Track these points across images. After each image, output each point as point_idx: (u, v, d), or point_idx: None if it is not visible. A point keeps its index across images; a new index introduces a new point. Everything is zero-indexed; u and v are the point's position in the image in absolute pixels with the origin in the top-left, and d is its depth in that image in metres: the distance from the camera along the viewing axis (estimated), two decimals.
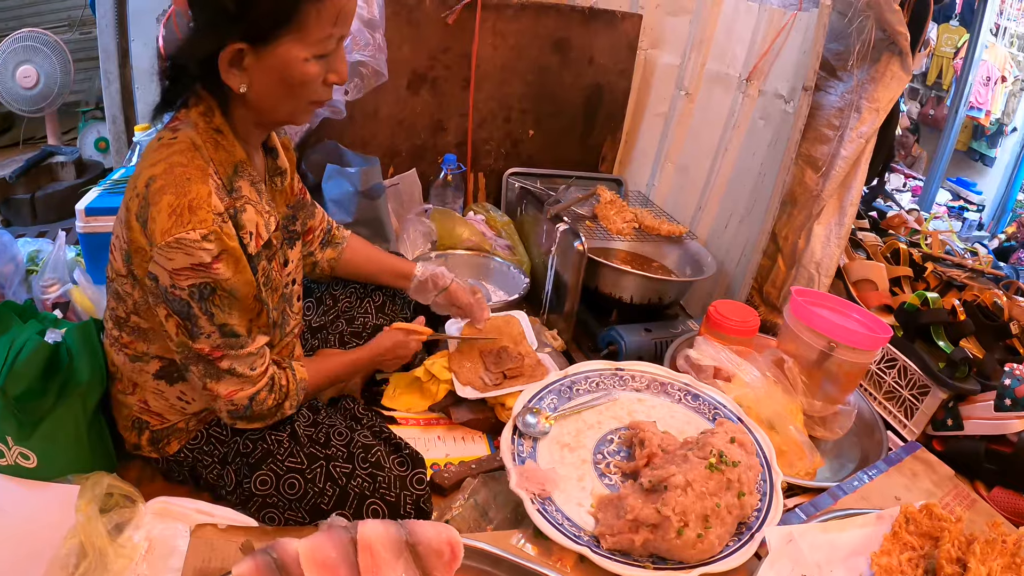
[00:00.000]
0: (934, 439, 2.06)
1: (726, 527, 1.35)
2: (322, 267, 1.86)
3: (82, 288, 2.05)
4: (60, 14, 4.26)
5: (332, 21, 1.23)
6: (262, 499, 1.44)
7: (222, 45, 1.20)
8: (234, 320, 1.31)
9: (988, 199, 6.29)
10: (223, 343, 1.31)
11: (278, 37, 1.21)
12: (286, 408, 1.48)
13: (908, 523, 1.43)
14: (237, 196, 1.32)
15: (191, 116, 1.29)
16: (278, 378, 1.45)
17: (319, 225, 1.82)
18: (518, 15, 2.72)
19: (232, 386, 1.37)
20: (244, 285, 1.29)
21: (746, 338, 1.99)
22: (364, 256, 1.91)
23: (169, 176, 1.21)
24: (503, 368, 1.91)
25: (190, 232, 1.18)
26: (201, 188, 1.21)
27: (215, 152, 1.29)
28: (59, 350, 1.46)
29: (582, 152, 3.11)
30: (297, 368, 1.52)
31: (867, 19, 2.20)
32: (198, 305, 1.25)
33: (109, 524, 1.32)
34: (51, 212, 3.01)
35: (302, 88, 1.28)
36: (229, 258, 1.25)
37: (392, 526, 1.19)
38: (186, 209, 1.19)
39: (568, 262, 2.22)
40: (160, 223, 1.18)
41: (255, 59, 1.23)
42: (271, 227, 1.41)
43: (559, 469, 1.53)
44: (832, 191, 2.39)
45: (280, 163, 1.53)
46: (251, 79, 1.25)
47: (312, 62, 1.25)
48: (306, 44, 1.23)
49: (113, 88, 2.94)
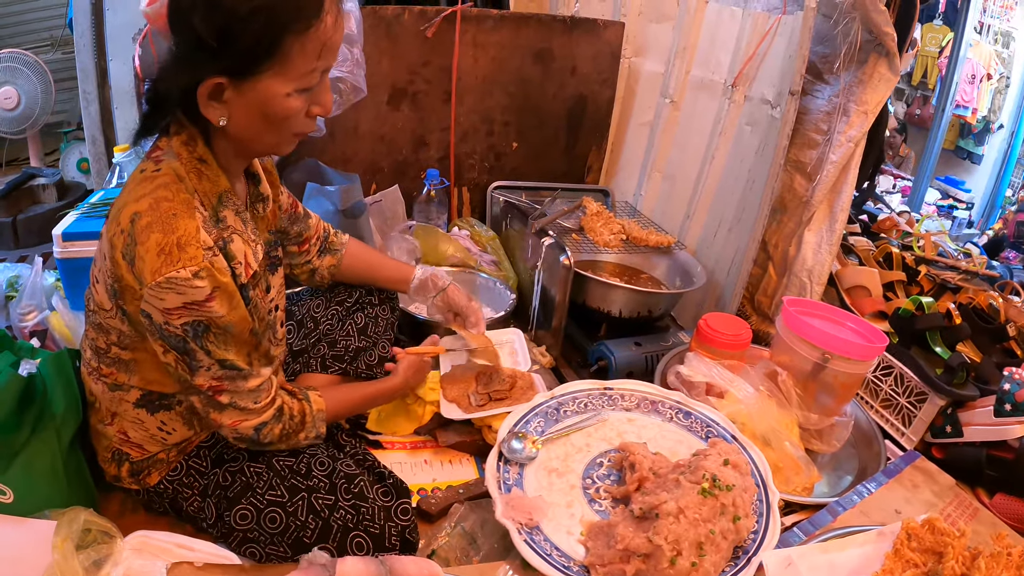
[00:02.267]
0: (933, 447, 2.03)
1: (721, 553, 1.31)
2: (322, 274, 1.84)
3: (60, 315, 2.02)
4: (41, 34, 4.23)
5: (316, 55, 1.19)
6: (243, 534, 1.40)
7: (201, 79, 1.16)
8: (231, 355, 1.28)
9: (977, 197, 6.30)
10: (223, 375, 1.29)
11: (259, 72, 1.17)
12: (300, 439, 1.46)
13: (910, 539, 1.39)
14: (224, 227, 1.29)
15: (173, 145, 1.25)
16: (289, 409, 1.43)
17: (314, 233, 1.79)
18: (498, 26, 2.69)
19: (235, 417, 1.35)
20: (239, 321, 1.27)
21: (738, 352, 1.96)
22: (364, 262, 1.90)
23: (155, 212, 1.17)
24: (491, 389, 1.88)
25: (180, 271, 1.15)
26: (189, 224, 1.18)
27: (199, 183, 1.26)
28: (33, 381, 1.43)
29: (567, 163, 3.08)
30: (314, 399, 1.49)
31: (853, 20, 2.17)
32: (194, 342, 1.23)
33: (87, 561, 1.28)
34: (32, 236, 2.97)
35: (284, 122, 1.24)
36: (223, 295, 1.22)
37: (372, 563, 1.16)
38: (175, 247, 1.16)
39: (555, 277, 2.19)
40: (149, 263, 1.15)
41: (235, 93, 1.19)
42: (259, 255, 1.39)
43: (547, 496, 1.49)
44: (822, 197, 2.36)
45: (262, 189, 1.49)
46: (231, 113, 1.21)
47: (294, 96, 1.21)
48: (288, 79, 1.19)
49: (92, 108, 2.92)
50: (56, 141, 3.78)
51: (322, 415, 1.49)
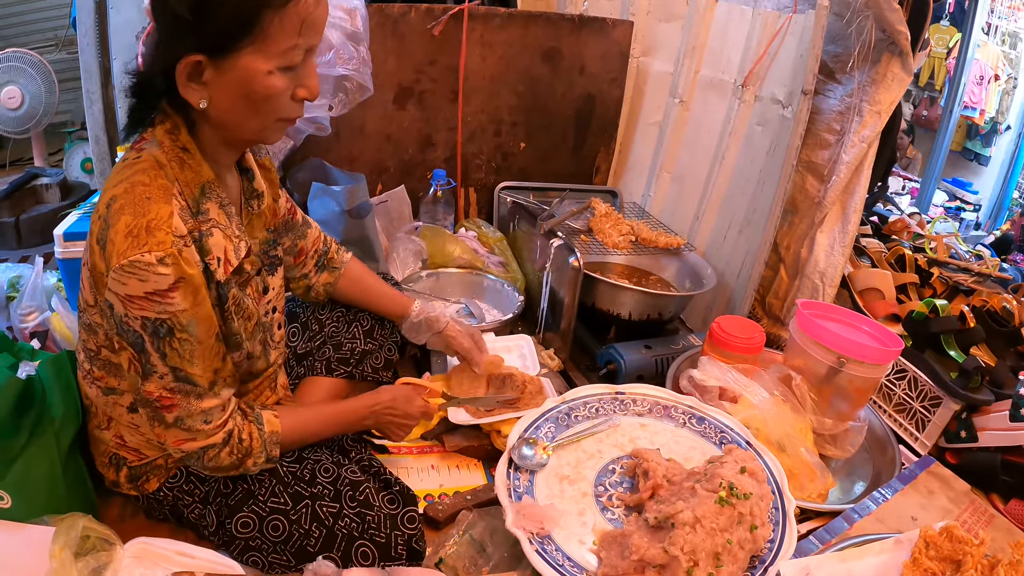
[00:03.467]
0: (947, 452, 2.01)
1: (738, 563, 1.28)
2: (317, 291, 1.79)
3: (61, 316, 2.00)
4: (46, 34, 4.23)
5: (296, 30, 1.15)
6: (244, 542, 1.37)
7: (179, 56, 1.13)
8: (196, 370, 1.23)
9: (984, 198, 6.26)
10: (176, 388, 1.23)
11: (238, 48, 1.13)
12: (248, 465, 1.37)
13: (928, 548, 1.37)
14: (204, 219, 1.24)
15: (157, 134, 1.22)
16: (238, 432, 1.33)
17: (311, 246, 1.74)
18: (506, 25, 2.66)
19: (180, 436, 1.28)
20: (203, 319, 1.22)
21: (751, 355, 1.92)
22: (361, 287, 1.84)
23: (129, 196, 1.14)
24: (504, 394, 1.85)
25: (145, 254, 1.11)
26: (162, 208, 1.14)
27: (180, 171, 1.22)
28: (32, 385, 1.40)
29: (575, 164, 3.05)
30: (268, 419, 1.39)
31: (866, 19, 2.15)
32: (151, 341, 1.18)
33: (85, 569, 1.25)
34: (35, 236, 2.97)
35: (267, 104, 1.20)
36: (187, 287, 1.17)
37: (377, 574, 1.12)
38: (143, 230, 1.12)
39: (563, 279, 2.16)
40: (117, 245, 1.11)
41: (215, 72, 1.15)
42: (241, 252, 1.33)
43: (558, 504, 1.45)
44: (835, 198, 2.32)
45: (256, 185, 1.45)
46: (211, 94, 1.18)
47: (276, 75, 1.17)
48: (268, 56, 1.15)
49: (95, 108, 2.88)
50: (60, 141, 3.78)
51: (275, 437, 1.39)
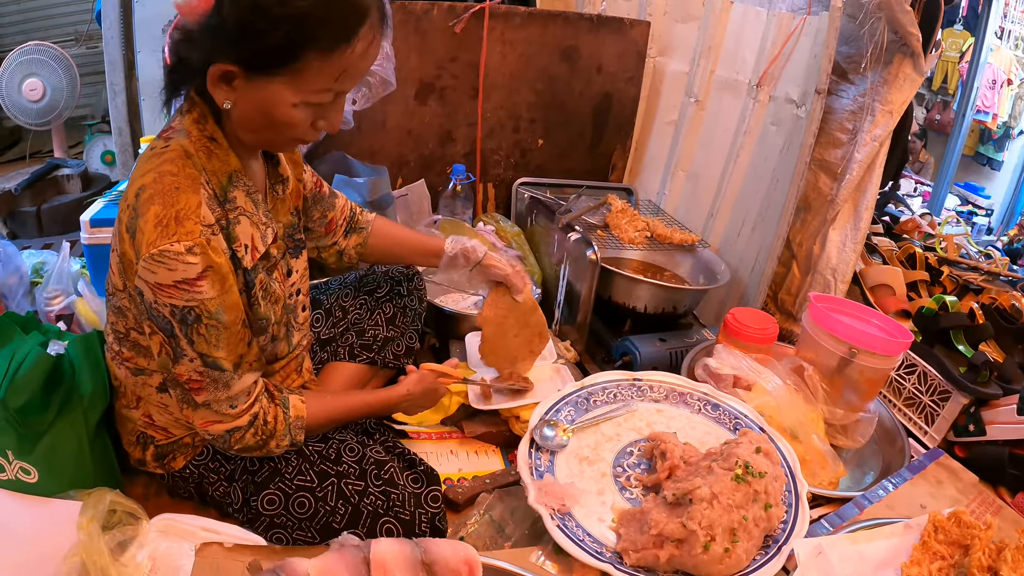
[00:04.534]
0: (956, 445, 2.02)
1: (753, 540, 1.30)
2: (349, 255, 1.79)
3: (86, 300, 2.02)
4: (67, 28, 4.28)
5: (334, 76, 1.17)
6: (270, 519, 1.40)
7: (214, 61, 1.15)
8: (221, 354, 1.25)
9: (996, 203, 6.24)
10: (205, 372, 1.25)
11: (272, 75, 1.15)
12: (271, 447, 1.39)
13: (937, 532, 1.39)
14: (231, 207, 1.27)
15: (184, 123, 1.24)
16: (263, 415, 1.36)
17: (340, 215, 1.74)
18: (526, 23, 2.69)
19: (208, 418, 1.31)
20: (231, 307, 1.24)
21: (765, 346, 1.95)
22: (391, 239, 1.83)
23: (158, 185, 1.16)
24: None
25: (174, 244, 1.13)
26: (191, 198, 1.17)
27: (208, 161, 1.24)
28: (61, 362, 1.42)
29: (592, 161, 3.08)
30: (294, 404, 1.42)
31: (879, 21, 2.18)
32: (179, 328, 1.20)
33: (112, 542, 1.28)
34: (56, 225, 2.99)
35: (285, 128, 1.22)
36: (214, 276, 1.19)
37: (407, 545, 1.15)
38: (172, 220, 1.14)
39: (581, 272, 2.18)
40: (147, 234, 1.13)
41: (245, 83, 1.17)
42: (268, 239, 1.36)
43: (578, 483, 1.47)
44: (847, 195, 2.35)
45: (281, 170, 1.48)
46: (236, 99, 1.19)
47: (300, 108, 1.19)
48: (299, 91, 1.17)
49: (119, 100, 2.93)
50: (80, 134, 3.81)
51: (300, 422, 1.41)
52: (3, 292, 2.06)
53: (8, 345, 1.45)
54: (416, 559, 1.14)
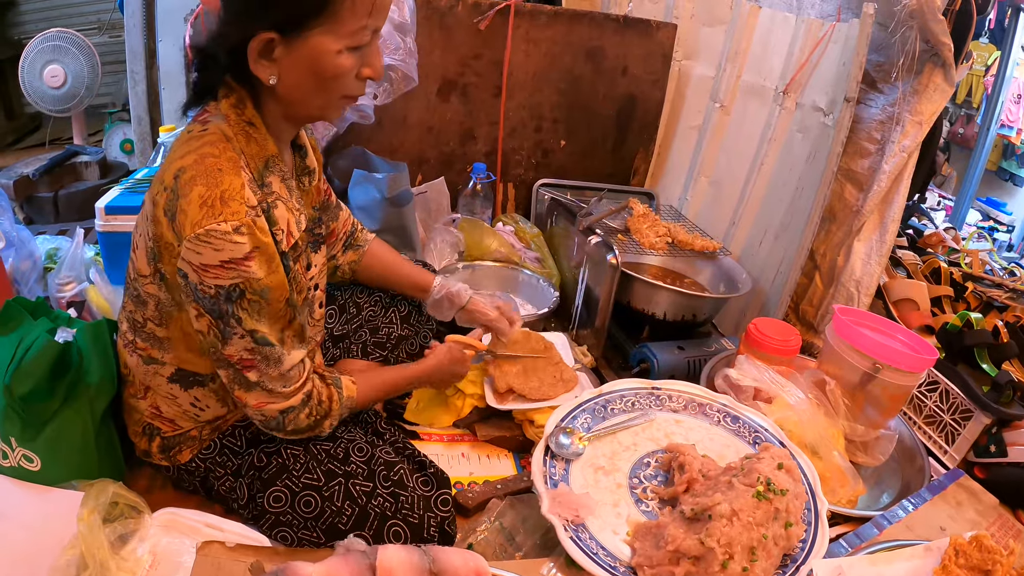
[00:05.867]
0: (976, 466, 1.98)
1: (772, 560, 1.26)
2: (343, 270, 1.80)
3: (98, 287, 2.01)
4: (89, 17, 4.30)
5: (367, 11, 1.17)
6: (275, 517, 1.37)
7: (252, 34, 1.15)
8: (264, 327, 1.24)
9: (1018, 220, 6.16)
10: (256, 350, 1.25)
11: (310, 27, 1.15)
12: (325, 427, 1.41)
13: (958, 556, 1.35)
14: (268, 191, 1.26)
15: (221, 108, 1.24)
16: (317, 395, 1.38)
17: (342, 228, 1.75)
18: (551, 22, 2.67)
19: (261, 399, 1.31)
20: (277, 287, 1.23)
21: (787, 358, 1.91)
22: (383, 263, 1.83)
23: (200, 167, 1.16)
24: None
25: (221, 224, 1.12)
26: (234, 179, 1.16)
27: (247, 145, 1.24)
28: (69, 350, 1.41)
29: (614, 164, 3.05)
30: (346, 384, 1.45)
31: (910, 30, 2.13)
32: (226, 306, 1.19)
33: (112, 535, 1.27)
34: (73, 211, 2.99)
35: (334, 82, 1.22)
36: (262, 256, 1.19)
37: (415, 552, 1.12)
38: (218, 200, 1.13)
39: (600, 276, 2.15)
40: (191, 215, 1.13)
41: (286, 50, 1.17)
42: (302, 225, 1.36)
43: (593, 493, 1.43)
44: (873, 206, 2.31)
45: (308, 162, 1.47)
46: (281, 70, 1.20)
47: (345, 54, 1.19)
48: (339, 36, 1.17)
49: (139, 89, 2.93)
50: (100, 122, 3.82)
51: (351, 403, 1.45)
52: (16, 277, 2.06)
53: (16, 331, 1.44)
54: (424, 568, 1.11)
